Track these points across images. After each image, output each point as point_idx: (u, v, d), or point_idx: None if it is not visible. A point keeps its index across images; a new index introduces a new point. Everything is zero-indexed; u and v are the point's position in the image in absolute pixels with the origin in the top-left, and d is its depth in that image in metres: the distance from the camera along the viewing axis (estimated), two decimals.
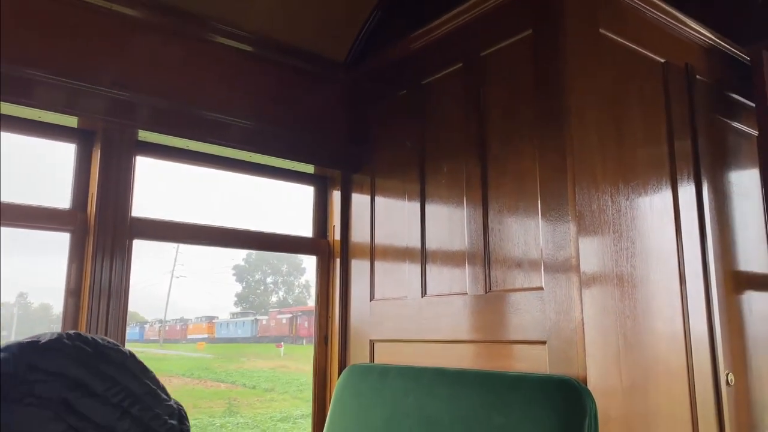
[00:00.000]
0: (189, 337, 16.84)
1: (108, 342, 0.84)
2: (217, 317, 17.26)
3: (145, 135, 2.00)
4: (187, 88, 2.07)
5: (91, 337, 0.83)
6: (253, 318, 16.89)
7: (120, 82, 1.92)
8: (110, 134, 1.91)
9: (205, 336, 16.80)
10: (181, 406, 0.87)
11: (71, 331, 0.82)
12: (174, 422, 0.82)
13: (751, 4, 2.64)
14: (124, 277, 1.89)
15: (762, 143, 2.17)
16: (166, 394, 0.86)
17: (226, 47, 2.18)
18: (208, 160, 2.20)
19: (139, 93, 1.93)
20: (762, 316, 2.19)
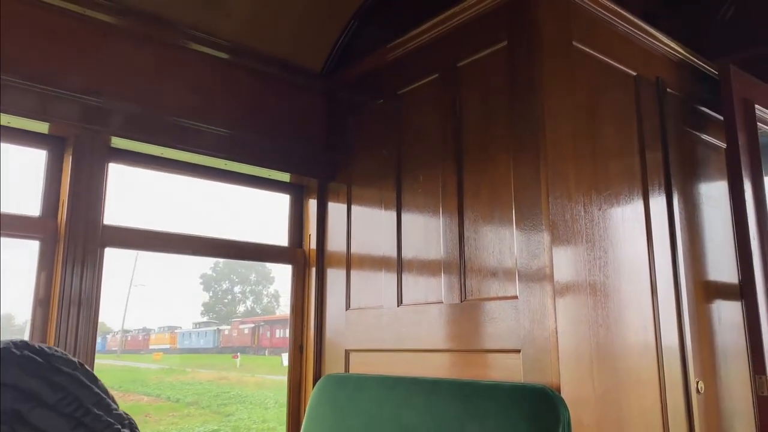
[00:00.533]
0: (151, 347, 16.49)
1: (56, 351, 0.82)
2: (181, 327, 16.93)
3: (118, 142, 1.97)
4: (161, 94, 2.05)
5: (39, 346, 0.81)
6: (215, 328, 16.60)
7: (93, 88, 1.89)
8: (82, 141, 1.88)
9: (167, 346, 16.48)
10: (130, 416, 0.86)
11: (17, 339, 0.80)
12: (126, 431, 0.81)
13: (718, 20, 2.71)
14: (95, 287, 1.86)
15: (730, 155, 2.22)
16: (116, 403, 0.85)
17: (201, 54, 2.17)
18: (183, 167, 2.18)
19: (112, 99, 1.91)
20: (731, 325, 2.23)
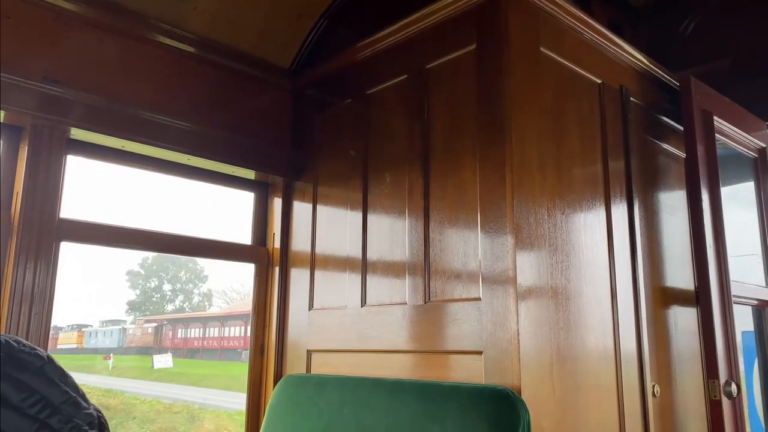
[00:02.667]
0: (59, 347, 15.73)
1: (23, 345, 0.77)
2: (91, 325, 16.14)
3: (77, 133, 1.91)
4: (123, 86, 2.00)
5: (4, 339, 0.75)
6: (121, 327, 15.84)
7: (52, 76, 1.83)
8: (39, 131, 1.82)
9: (75, 346, 15.74)
10: (101, 413, 0.81)
11: None
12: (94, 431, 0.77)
13: (680, 34, 2.79)
14: (49, 282, 1.80)
15: (689, 165, 2.27)
16: (86, 401, 0.80)
17: (166, 46, 2.13)
18: (144, 162, 2.13)
19: (72, 89, 1.85)
20: (686, 331, 2.28)
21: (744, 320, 2.62)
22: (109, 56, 2.00)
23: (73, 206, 1.91)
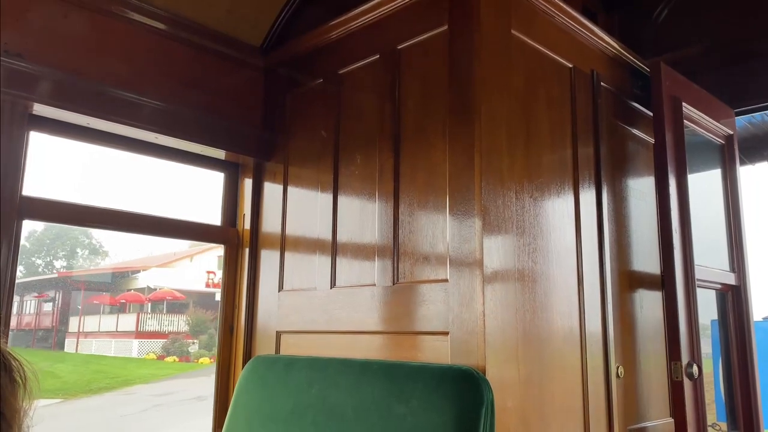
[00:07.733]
0: None
1: None
2: None
3: (41, 109, 1.87)
4: (90, 62, 1.96)
5: None
6: None
7: (14, 50, 1.78)
8: (0, 106, 1.77)
9: None
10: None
11: None
12: None
13: (652, 21, 2.81)
14: (10, 261, 1.77)
15: (657, 151, 2.30)
16: None
17: (135, 22, 2.08)
18: (111, 140, 2.09)
19: (35, 64, 1.80)
20: (651, 314, 2.32)
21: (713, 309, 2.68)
22: (75, 30, 1.94)
23: (42, 184, 1.87)
